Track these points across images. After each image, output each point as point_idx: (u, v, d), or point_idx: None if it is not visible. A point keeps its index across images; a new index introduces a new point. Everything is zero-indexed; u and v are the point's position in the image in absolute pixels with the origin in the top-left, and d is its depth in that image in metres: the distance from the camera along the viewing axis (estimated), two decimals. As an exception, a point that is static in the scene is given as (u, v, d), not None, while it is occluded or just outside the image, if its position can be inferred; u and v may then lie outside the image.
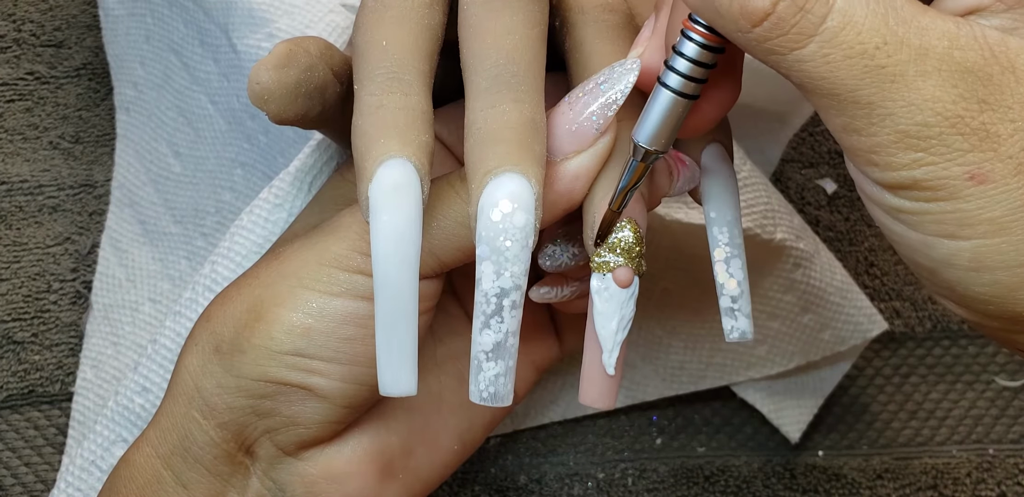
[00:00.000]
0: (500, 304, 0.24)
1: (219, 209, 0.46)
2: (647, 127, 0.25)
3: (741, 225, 0.29)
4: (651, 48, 0.26)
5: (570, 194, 0.27)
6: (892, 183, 0.22)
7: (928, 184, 0.22)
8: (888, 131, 0.21)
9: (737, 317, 0.28)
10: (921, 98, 0.21)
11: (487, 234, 0.24)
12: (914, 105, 0.21)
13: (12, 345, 0.45)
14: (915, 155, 0.22)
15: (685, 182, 0.28)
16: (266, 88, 0.27)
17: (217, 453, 0.28)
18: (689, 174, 0.28)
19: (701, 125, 0.27)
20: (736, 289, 0.28)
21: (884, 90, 0.21)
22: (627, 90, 0.26)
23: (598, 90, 0.26)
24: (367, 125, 0.25)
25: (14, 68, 0.50)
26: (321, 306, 0.27)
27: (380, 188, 0.24)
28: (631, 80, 0.26)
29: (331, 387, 0.28)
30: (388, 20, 0.26)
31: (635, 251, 0.26)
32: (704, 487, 0.46)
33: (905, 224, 0.23)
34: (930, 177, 0.22)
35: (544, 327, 0.36)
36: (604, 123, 0.26)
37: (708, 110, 0.27)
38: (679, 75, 0.24)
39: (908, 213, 0.23)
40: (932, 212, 0.22)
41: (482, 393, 0.25)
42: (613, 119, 0.26)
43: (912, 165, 0.22)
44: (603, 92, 0.26)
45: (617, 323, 0.27)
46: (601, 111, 0.26)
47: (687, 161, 0.28)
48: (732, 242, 0.29)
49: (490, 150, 0.24)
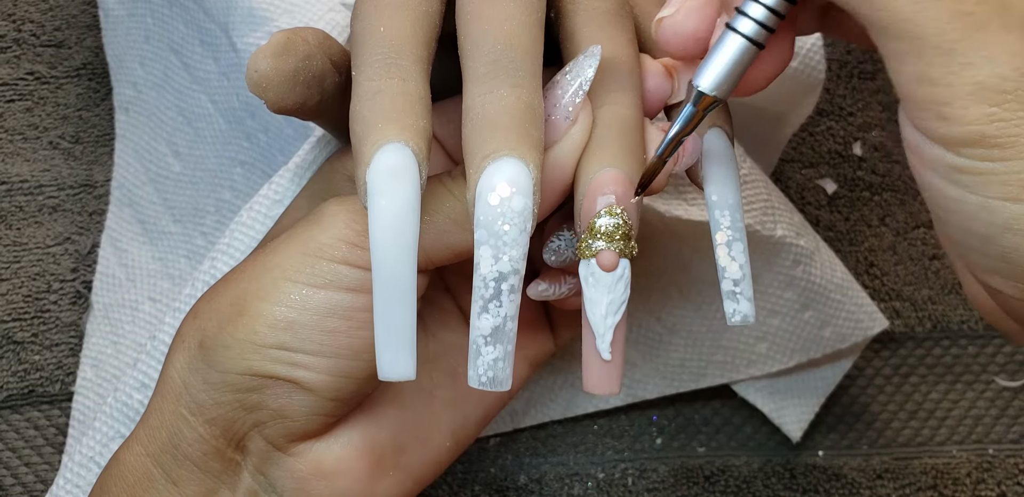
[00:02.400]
0: (499, 288, 0.24)
1: (219, 208, 0.46)
2: (711, 73, 0.25)
3: (742, 209, 0.29)
4: (688, 7, 0.26)
5: (555, 183, 0.27)
6: (959, 138, 0.22)
7: (998, 141, 0.21)
8: (965, 82, 0.21)
9: (739, 300, 0.28)
10: (1003, 51, 0.21)
11: (485, 218, 0.24)
12: (995, 57, 0.21)
13: (12, 345, 0.45)
14: (989, 110, 0.21)
15: (690, 156, 0.28)
16: (264, 76, 0.27)
17: (207, 450, 0.28)
18: (692, 148, 0.28)
19: (761, 79, 0.27)
20: (738, 272, 0.28)
21: (968, 38, 0.21)
22: (591, 77, 0.26)
23: (564, 81, 0.26)
24: (365, 110, 0.25)
25: (14, 68, 0.50)
26: (304, 299, 0.27)
27: (378, 172, 0.24)
28: (594, 66, 0.26)
29: (317, 379, 0.28)
30: (386, 7, 0.26)
31: (618, 234, 0.26)
32: (704, 487, 0.46)
33: (963, 186, 0.23)
34: (1001, 134, 0.21)
35: (539, 322, 0.36)
36: (575, 111, 0.26)
37: (769, 64, 0.26)
38: (754, 21, 0.25)
39: (970, 173, 0.22)
40: (997, 172, 0.22)
41: (480, 377, 0.25)
42: (580, 106, 0.26)
43: (983, 119, 0.21)
44: (569, 82, 0.26)
45: (606, 307, 0.27)
46: (569, 100, 0.26)
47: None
48: (734, 225, 0.29)
49: (488, 135, 0.24)
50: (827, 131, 0.53)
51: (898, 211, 0.51)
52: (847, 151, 0.52)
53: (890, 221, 0.51)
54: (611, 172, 0.26)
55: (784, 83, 0.46)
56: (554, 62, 0.30)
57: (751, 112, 0.48)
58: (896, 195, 0.51)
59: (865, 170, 0.52)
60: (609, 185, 0.26)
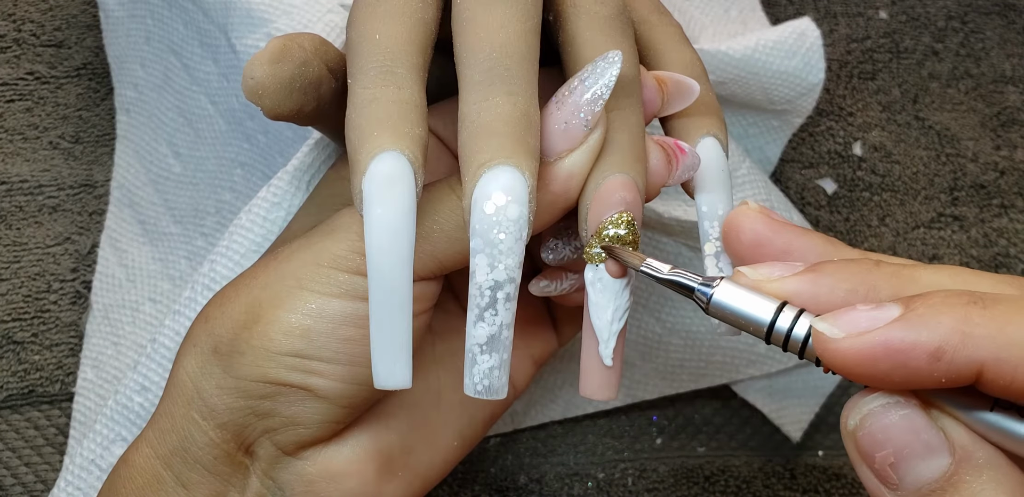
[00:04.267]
0: (494, 297, 0.24)
1: (219, 209, 0.46)
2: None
3: None
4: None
5: (567, 193, 0.27)
6: None
7: None
8: None
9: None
10: None
11: (481, 227, 0.24)
12: None
13: (12, 345, 0.45)
14: None
15: (684, 170, 0.28)
16: (260, 83, 0.27)
17: (217, 454, 0.28)
18: (688, 162, 0.28)
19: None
20: None
21: None
22: (611, 84, 0.26)
23: (583, 87, 0.26)
24: (360, 118, 0.25)
25: (14, 68, 0.50)
26: (320, 307, 0.27)
27: (373, 181, 0.24)
28: (614, 73, 0.26)
29: (331, 387, 0.28)
30: (381, 14, 0.26)
31: (627, 241, 0.26)
32: (704, 487, 0.46)
33: None
34: None
35: (541, 320, 0.36)
36: (593, 119, 0.26)
37: None
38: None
39: None
40: None
41: (476, 386, 0.25)
42: (600, 113, 0.26)
43: None
44: (587, 88, 0.26)
45: (612, 313, 0.27)
46: (588, 107, 0.26)
47: (686, 148, 0.28)
48: (722, 237, 0.29)
49: (483, 143, 0.24)
50: (827, 131, 0.53)
51: (898, 211, 0.51)
52: (847, 151, 0.52)
53: (890, 221, 0.51)
54: (621, 178, 0.26)
55: (784, 83, 0.46)
56: (549, 64, 0.30)
57: (751, 112, 0.48)
58: (896, 195, 0.51)
59: (865, 170, 0.52)
60: (619, 191, 0.26)
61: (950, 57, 0.55)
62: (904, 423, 0.22)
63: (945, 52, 0.56)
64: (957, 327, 0.21)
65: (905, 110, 0.53)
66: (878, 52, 0.55)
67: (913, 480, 0.22)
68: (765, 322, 0.24)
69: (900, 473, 0.22)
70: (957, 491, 0.21)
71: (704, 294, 0.24)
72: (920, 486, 0.22)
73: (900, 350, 0.21)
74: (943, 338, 0.21)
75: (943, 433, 0.22)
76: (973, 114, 0.54)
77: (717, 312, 0.24)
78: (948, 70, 0.55)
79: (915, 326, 0.21)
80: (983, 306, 0.21)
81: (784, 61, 0.45)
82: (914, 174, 0.52)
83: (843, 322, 0.22)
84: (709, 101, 0.30)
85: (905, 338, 0.21)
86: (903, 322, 0.21)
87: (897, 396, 0.22)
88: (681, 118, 0.30)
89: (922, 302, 0.21)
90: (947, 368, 0.21)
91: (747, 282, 0.25)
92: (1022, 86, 0.55)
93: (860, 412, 0.23)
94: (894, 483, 0.22)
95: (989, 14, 0.57)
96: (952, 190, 0.52)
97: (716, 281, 0.24)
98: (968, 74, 0.55)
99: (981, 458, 0.22)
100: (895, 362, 0.21)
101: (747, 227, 0.26)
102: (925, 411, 0.22)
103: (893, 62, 0.55)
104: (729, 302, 0.24)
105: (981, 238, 0.51)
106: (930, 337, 0.21)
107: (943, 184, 0.52)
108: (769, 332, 0.24)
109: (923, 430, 0.22)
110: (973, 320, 0.21)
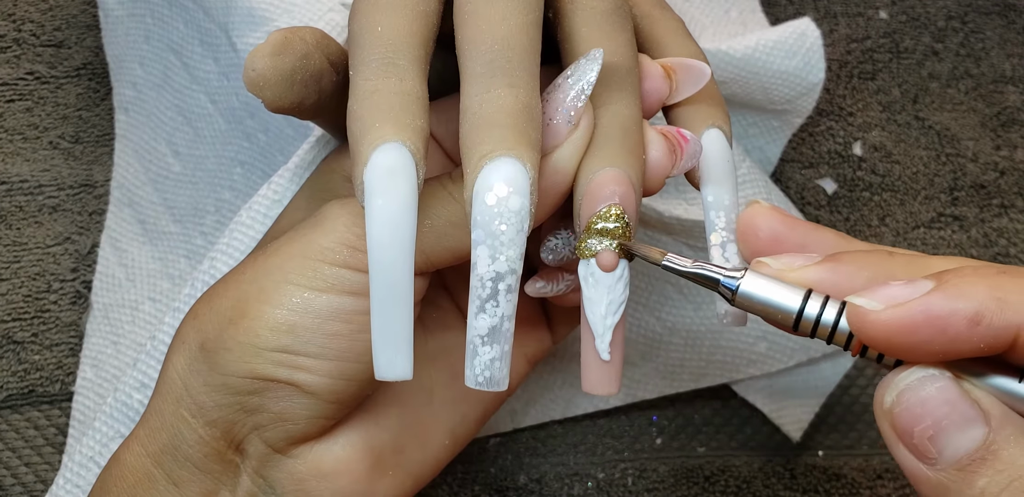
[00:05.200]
0: (496, 288, 0.24)
1: (219, 208, 0.46)
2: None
3: (738, 210, 0.29)
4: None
5: (556, 188, 0.27)
6: None
7: None
8: None
9: None
10: None
11: (482, 218, 0.24)
12: None
13: (12, 345, 0.45)
14: None
15: (688, 158, 0.28)
16: (261, 75, 0.27)
17: (207, 451, 0.28)
18: (691, 150, 0.28)
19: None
20: None
21: None
22: (593, 80, 0.26)
23: (566, 84, 0.26)
24: (362, 110, 0.25)
25: (14, 68, 0.50)
26: (306, 302, 0.27)
27: (375, 172, 0.24)
28: (596, 70, 0.26)
29: (318, 383, 0.28)
30: (383, 6, 0.26)
31: (616, 235, 0.26)
32: (704, 487, 0.46)
33: None
34: None
35: (537, 319, 0.36)
36: (576, 115, 0.26)
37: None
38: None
39: None
40: None
41: (477, 377, 0.25)
42: (583, 110, 0.26)
43: None
44: (571, 86, 0.26)
45: (605, 307, 0.27)
46: (571, 104, 0.26)
47: (689, 137, 0.28)
48: (728, 227, 0.29)
49: (485, 134, 0.24)
50: (827, 131, 0.53)
51: (898, 211, 0.51)
52: (847, 151, 0.52)
53: (890, 221, 0.51)
54: (611, 172, 0.26)
55: (784, 83, 0.46)
56: (553, 61, 0.30)
57: (752, 112, 0.48)
58: (896, 195, 0.51)
59: (865, 170, 0.52)
60: (610, 185, 0.26)
61: (950, 57, 0.56)
62: (941, 395, 0.23)
63: (945, 52, 0.56)
64: (992, 294, 0.22)
65: (905, 110, 0.53)
66: (878, 52, 0.55)
67: (952, 452, 0.22)
68: (794, 309, 0.24)
69: (939, 446, 0.22)
70: (997, 459, 0.22)
71: (730, 286, 0.25)
72: (959, 457, 0.22)
73: (940, 316, 0.22)
74: (980, 303, 0.22)
75: (977, 404, 0.22)
76: (973, 114, 0.54)
77: (744, 302, 0.25)
78: (948, 70, 0.55)
79: (952, 295, 0.22)
80: (1012, 275, 0.22)
81: (784, 61, 0.45)
82: (914, 174, 0.52)
83: (881, 296, 0.23)
84: (713, 92, 0.31)
85: (944, 305, 0.22)
86: (940, 292, 0.22)
87: (932, 369, 0.23)
88: (685, 107, 0.30)
89: (954, 274, 0.22)
90: (986, 332, 0.22)
91: (770, 272, 0.25)
92: (1022, 86, 0.55)
93: (896, 388, 0.23)
94: (932, 458, 0.23)
95: (989, 14, 0.57)
96: (952, 190, 0.52)
97: (740, 272, 0.25)
98: (968, 74, 0.55)
99: (1015, 427, 0.22)
100: (935, 328, 0.22)
101: (764, 224, 0.27)
102: (959, 384, 0.23)
103: (893, 62, 0.55)
104: (756, 292, 0.25)
105: (981, 238, 0.51)
106: (968, 304, 0.22)
107: (943, 184, 0.52)
108: (798, 319, 0.24)
109: (959, 401, 0.22)
110: (1007, 287, 0.22)
